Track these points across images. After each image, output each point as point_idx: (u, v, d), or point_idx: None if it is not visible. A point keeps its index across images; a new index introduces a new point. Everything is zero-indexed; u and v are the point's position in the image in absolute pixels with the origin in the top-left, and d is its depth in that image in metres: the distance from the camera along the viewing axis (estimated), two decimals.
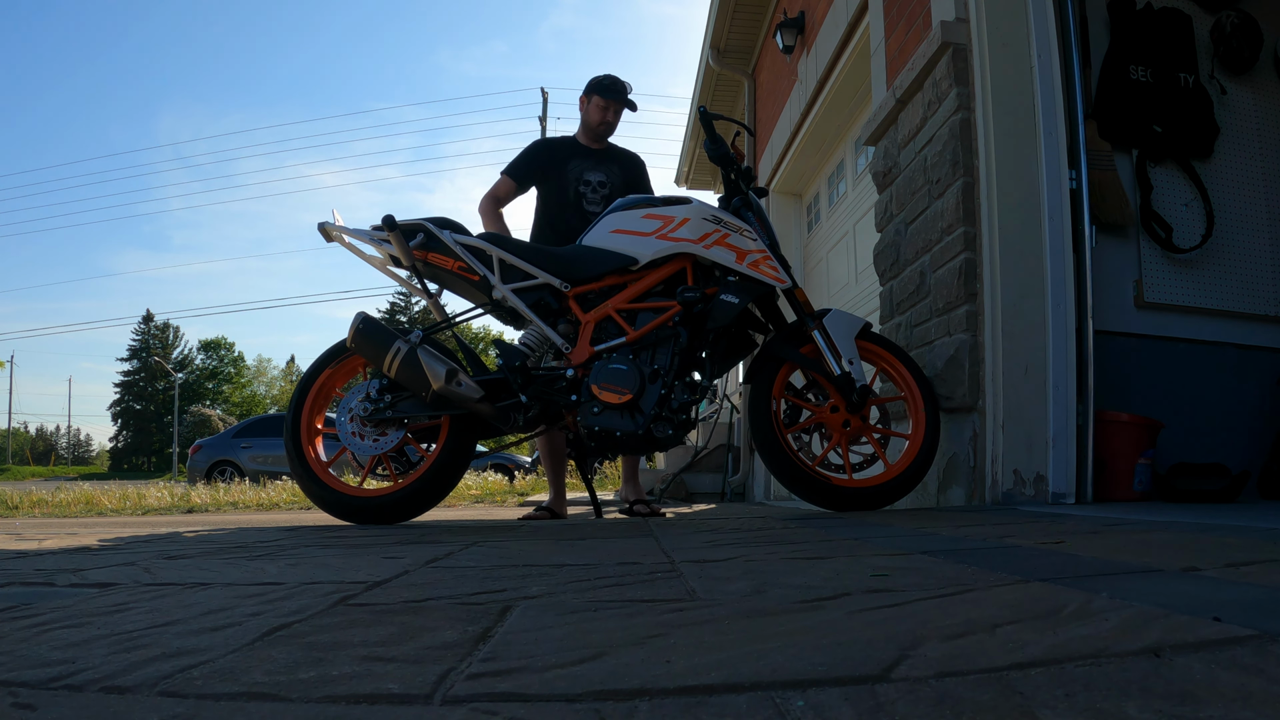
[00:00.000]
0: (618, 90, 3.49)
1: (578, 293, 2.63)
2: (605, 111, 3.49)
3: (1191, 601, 0.86)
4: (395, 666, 0.70)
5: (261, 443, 12.68)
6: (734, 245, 2.61)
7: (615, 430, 2.46)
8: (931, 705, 0.56)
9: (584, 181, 3.48)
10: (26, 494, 6.50)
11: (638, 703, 0.59)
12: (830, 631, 0.79)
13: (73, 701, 0.63)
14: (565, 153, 3.53)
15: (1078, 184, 2.78)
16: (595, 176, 3.49)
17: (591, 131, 3.54)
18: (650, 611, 0.93)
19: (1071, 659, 0.66)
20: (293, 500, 5.72)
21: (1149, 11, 3.17)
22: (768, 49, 6.61)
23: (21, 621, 0.94)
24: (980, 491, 2.74)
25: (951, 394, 2.83)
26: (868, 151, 4.42)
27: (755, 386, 2.66)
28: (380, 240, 2.65)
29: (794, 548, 1.53)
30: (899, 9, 3.59)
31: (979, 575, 1.11)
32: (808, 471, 2.57)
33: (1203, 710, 0.53)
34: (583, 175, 3.49)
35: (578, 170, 3.49)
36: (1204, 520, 1.88)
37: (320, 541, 1.91)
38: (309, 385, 2.68)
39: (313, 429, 2.67)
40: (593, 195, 3.48)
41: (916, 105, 3.22)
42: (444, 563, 1.43)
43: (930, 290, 3.08)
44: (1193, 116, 3.14)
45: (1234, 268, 3.13)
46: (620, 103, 3.51)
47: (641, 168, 3.64)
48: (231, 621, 0.91)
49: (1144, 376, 2.99)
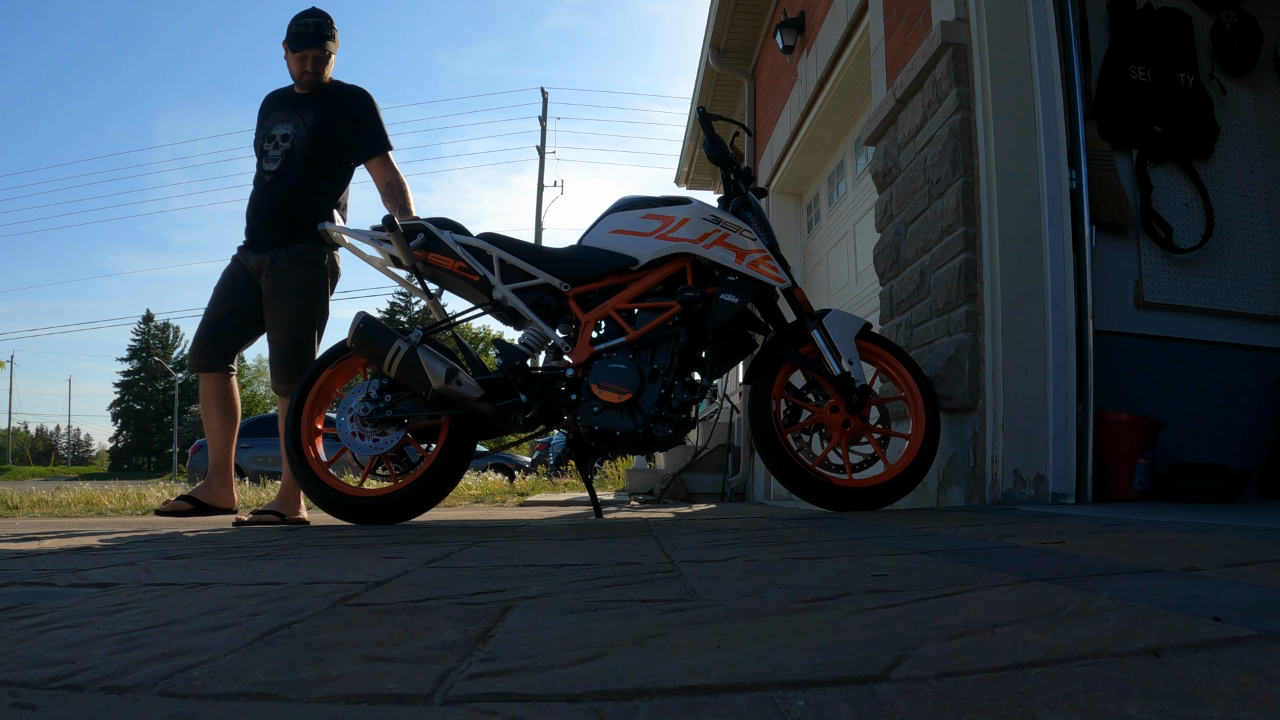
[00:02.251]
0: (304, 37, 2.95)
1: (578, 293, 2.63)
2: (303, 62, 2.98)
3: (1191, 601, 0.86)
4: (395, 666, 0.70)
5: (261, 443, 12.65)
6: (733, 245, 2.61)
7: (615, 429, 2.46)
8: (931, 705, 0.56)
9: (269, 137, 3.03)
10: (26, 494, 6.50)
11: (638, 703, 0.59)
12: (830, 631, 0.79)
13: (73, 701, 0.63)
14: (271, 106, 3.13)
15: (1078, 184, 2.78)
16: (280, 130, 3.02)
17: (296, 81, 3.07)
18: (650, 611, 0.93)
19: (1071, 659, 0.66)
20: None
21: (1149, 11, 3.17)
22: (768, 49, 6.61)
23: (21, 621, 0.94)
24: (980, 491, 2.74)
25: (951, 394, 2.83)
26: (868, 151, 4.42)
27: (755, 387, 2.66)
28: (380, 240, 2.65)
29: (794, 548, 1.53)
30: (899, 9, 3.59)
31: (979, 575, 1.11)
32: (808, 471, 2.57)
33: (1203, 710, 0.53)
34: (270, 131, 3.04)
35: (268, 126, 3.07)
36: (1204, 520, 1.88)
37: (320, 541, 1.91)
38: (309, 385, 2.68)
39: (313, 429, 2.67)
40: (272, 152, 3.01)
41: (916, 105, 3.22)
42: (444, 563, 1.43)
43: (930, 290, 3.08)
44: (1193, 116, 3.14)
45: (1234, 268, 3.13)
46: (313, 48, 2.96)
47: (352, 112, 3.04)
48: (231, 621, 0.91)
49: (1144, 376, 2.99)
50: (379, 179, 3.08)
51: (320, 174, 3.03)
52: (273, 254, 2.97)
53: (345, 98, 3.08)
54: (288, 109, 3.06)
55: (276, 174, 3.01)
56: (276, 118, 3.06)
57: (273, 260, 2.97)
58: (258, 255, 3.01)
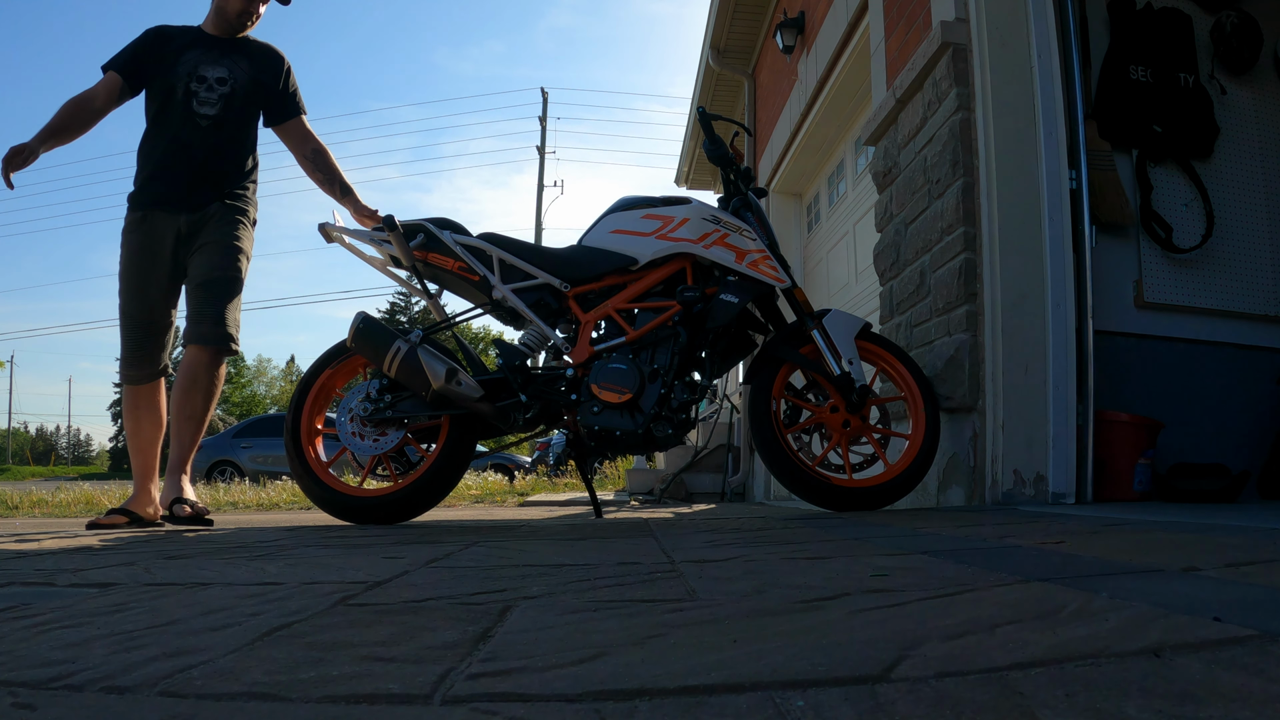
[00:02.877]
0: None
1: (577, 293, 2.64)
2: (250, 2, 2.77)
3: (1191, 601, 0.86)
4: (395, 666, 0.70)
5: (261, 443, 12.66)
6: (733, 245, 2.61)
7: (615, 429, 2.46)
8: (931, 705, 0.56)
9: (197, 78, 2.72)
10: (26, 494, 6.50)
11: (638, 703, 0.59)
12: (830, 631, 0.79)
13: (73, 701, 0.63)
14: (182, 43, 2.78)
15: (1078, 184, 2.78)
16: (214, 72, 2.74)
17: (226, 21, 2.79)
18: (650, 611, 0.93)
19: (1071, 659, 0.66)
20: (293, 500, 5.71)
21: (1149, 11, 3.17)
22: (768, 49, 6.61)
23: (21, 621, 0.94)
24: (980, 491, 2.74)
25: (951, 394, 2.83)
26: (868, 151, 4.42)
27: (755, 387, 2.66)
28: (380, 241, 2.65)
29: (794, 548, 1.53)
30: (899, 9, 3.59)
31: (979, 575, 1.11)
32: (808, 471, 2.57)
33: (1203, 710, 0.53)
34: (197, 69, 2.73)
35: (191, 63, 2.73)
36: (1204, 520, 1.88)
37: (320, 541, 1.91)
38: (309, 385, 2.68)
39: (313, 429, 2.67)
40: (206, 94, 2.72)
41: (916, 105, 3.22)
42: (444, 563, 1.43)
43: (930, 290, 3.08)
44: (1193, 116, 3.15)
45: (1234, 268, 3.13)
46: None
47: (281, 66, 2.89)
48: (231, 621, 0.91)
49: (1144, 376, 2.99)
50: (303, 142, 2.92)
51: (252, 127, 2.87)
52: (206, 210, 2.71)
53: (270, 53, 2.89)
54: (212, 51, 2.76)
55: (215, 120, 2.75)
56: (200, 58, 2.74)
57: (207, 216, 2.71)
58: (190, 215, 2.70)
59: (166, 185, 2.73)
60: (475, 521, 2.95)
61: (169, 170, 2.73)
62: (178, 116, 2.73)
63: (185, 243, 2.72)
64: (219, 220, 2.73)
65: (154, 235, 2.71)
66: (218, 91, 2.73)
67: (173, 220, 2.71)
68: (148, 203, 2.72)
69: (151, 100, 2.78)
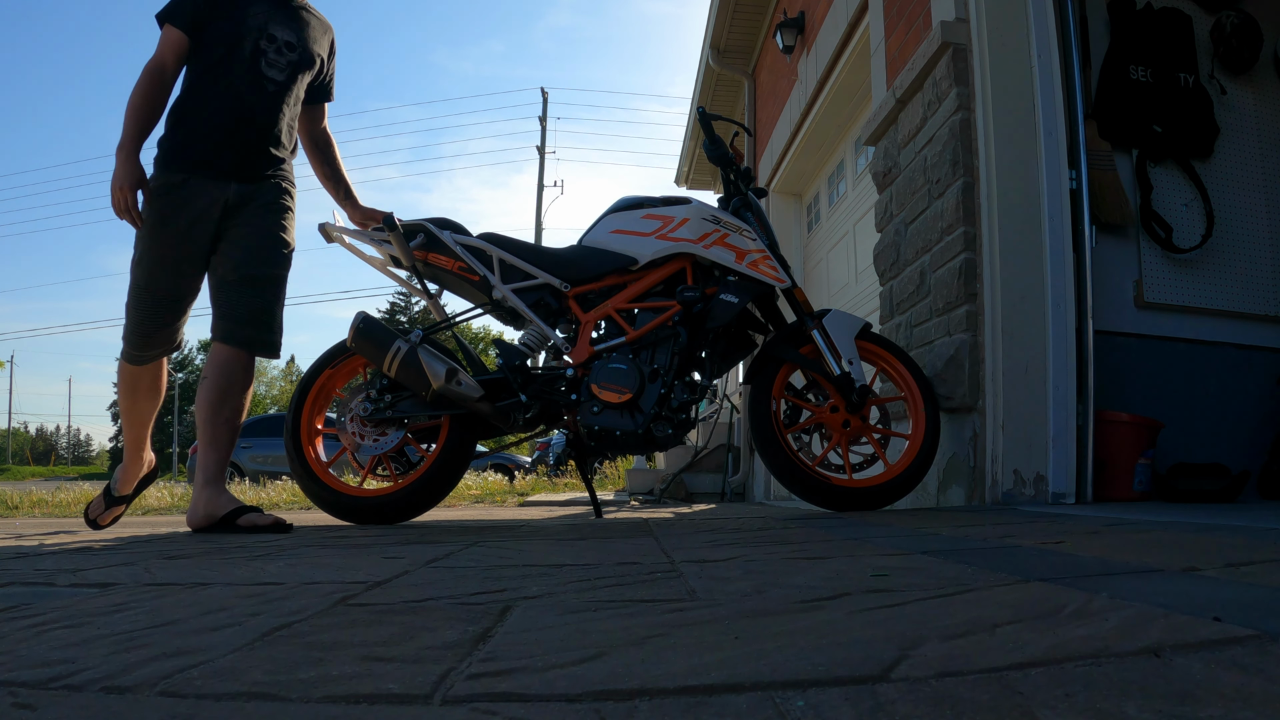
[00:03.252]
0: None
1: (578, 293, 2.63)
2: None
3: (1191, 601, 0.86)
4: (395, 666, 0.70)
5: (261, 443, 12.65)
6: (733, 245, 2.61)
7: (615, 429, 2.46)
8: (931, 705, 0.56)
9: (268, 36, 2.47)
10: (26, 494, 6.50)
11: (638, 703, 0.59)
12: (830, 631, 0.79)
13: (72, 701, 0.63)
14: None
15: (1078, 184, 2.78)
16: (284, 35, 2.50)
17: None
18: (650, 611, 0.93)
19: (1071, 659, 0.66)
20: (293, 500, 5.72)
21: (1149, 11, 3.17)
22: (768, 49, 6.61)
23: (21, 621, 0.94)
24: (980, 491, 2.74)
25: (951, 394, 2.83)
26: (868, 151, 4.42)
27: (755, 387, 2.66)
28: (380, 241, 2.65)
29: (794, 548, 1.53)
30: (899, 9, 3.59)
31: (979, 575, 1.11)
32: (808, 471, 2.57)
33: (1203, 710, 0.53)
34: (267, 28, 2.47)
35: (261, 19, 2.47)
36: (1204, 520, 1.88)
37: (320, 541, 1.91)
38: (309, 385, 2.68)
39: (313, 429, 2.67)
40: (275, 56, 2.47)
41: (916, 105, 3.22)
42: (444, 563, 1.43)
43: (930, 290, 3.08)
44: (1193, 116, 3.15)
45: (1234, 268, 3.13)
46: None
47: (333, 43, 2.71)
48: (231, 621, 0.91)
49: (1144, 376, 2.99)
50: (317, 127, 2.75)
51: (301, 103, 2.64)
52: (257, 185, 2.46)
53: (327, 27, 2.67)
54: (283, 11, 2.53)
55: (280, 86, 2.50)
56: (270, 14, 2.50)
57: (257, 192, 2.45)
58: (241, 186, 2.42)
59: (218, 148, 2.40)
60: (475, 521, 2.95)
61: (225, 131, 2.41)
62: (242, 74, 2.42)
63: (230, 215, 2.43)
64: (268, 202, 2.47)
65: (196, 204, 2.39)
66: (286, 57, 2.49)
67: (220, 189, 2.40)
68: (191, 166, 2.39)
69: (207, 49, 2.42)
